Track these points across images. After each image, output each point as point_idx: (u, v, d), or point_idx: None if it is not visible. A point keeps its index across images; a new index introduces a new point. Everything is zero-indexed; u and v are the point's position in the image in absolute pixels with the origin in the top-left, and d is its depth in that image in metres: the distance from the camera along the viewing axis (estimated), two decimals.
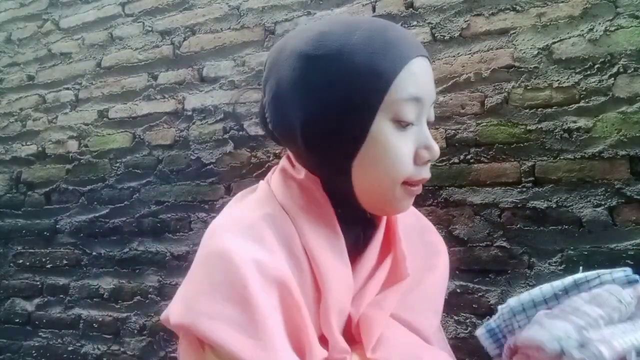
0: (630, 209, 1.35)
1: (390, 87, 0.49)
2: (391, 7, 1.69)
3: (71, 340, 2.02)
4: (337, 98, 0.49)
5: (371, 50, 0.49)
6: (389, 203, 0.54)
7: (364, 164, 0.51)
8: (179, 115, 1.98)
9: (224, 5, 1.96)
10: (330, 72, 0.49)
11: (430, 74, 0.54)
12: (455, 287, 1.49)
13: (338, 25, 0.52)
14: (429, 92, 0.53)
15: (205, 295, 0.47)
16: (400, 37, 0.52)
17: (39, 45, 2.30)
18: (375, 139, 0.50)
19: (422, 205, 1.55)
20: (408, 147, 0.52)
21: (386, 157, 0.51)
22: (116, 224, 2.00)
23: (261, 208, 0.55)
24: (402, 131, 0.51)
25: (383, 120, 0.50)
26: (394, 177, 0.52)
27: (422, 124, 0.53)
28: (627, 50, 1.39)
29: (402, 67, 0.50)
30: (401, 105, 0.50)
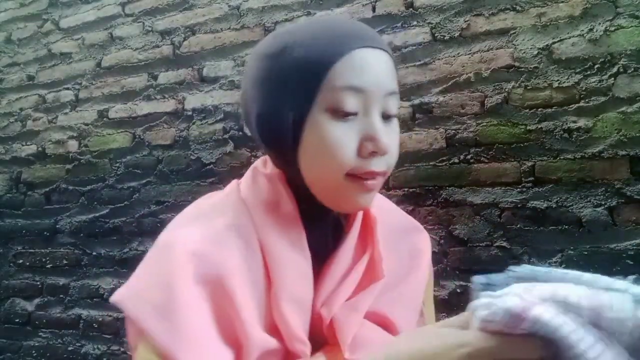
0: (630, 209, 1.35)
1: (325, 77, 0.50)
2: (391, 7, 1.69)
3: (71, 340, 2.02)
4: (278, 91, 0.52)
5: (311, 44, 0.51)
6: (339, 196, 0.53)
7: (306, 155, 0.52)
8: (179, 115, 1.98)
9: (224, 5, 1.96)
10: (275, 67, 0.52)
11: (383, 66, 0.52)
12: (455, 287, 1.49)
13: (294, 26, 0.55)
14: (375, 83, 0.51)
15: (139, 278, 0.52)
16: (346, 29, 0.52)
17: (39, 45, 2.30)
18: (312, 129, 0.51)
19: (422, 205, 1.55)
20: (349, 137, 0.50)
21: (324, 147, 0.51)
22: (116, 224, 2.00)
23: (220, 201, 0.58)
24: (342, 121, 0.50)
25: (320, 110, 0.50)
26: (334, 168, 0.51)
27: (370, 115, 0.51)
28: (627, 50, 1.39)
29: (340, 57, 0.50)
30: (338, 94, 0.50)
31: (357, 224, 0.59)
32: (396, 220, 0.66)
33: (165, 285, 0.49)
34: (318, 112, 0.51)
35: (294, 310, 0.52)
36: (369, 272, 0.57)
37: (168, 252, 0.52)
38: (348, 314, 0.53)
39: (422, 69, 1.63)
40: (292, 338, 0.50)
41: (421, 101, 1.61)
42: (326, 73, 0.50)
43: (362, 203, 0.54)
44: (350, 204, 0.54)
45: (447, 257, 1.51)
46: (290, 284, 0.52)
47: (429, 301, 0.70)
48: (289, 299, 0.52)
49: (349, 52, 0.50)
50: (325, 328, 0.53)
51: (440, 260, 1.51)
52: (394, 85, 0.53)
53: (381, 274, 0.57)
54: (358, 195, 0.53)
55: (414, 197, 1.57)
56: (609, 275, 0.39)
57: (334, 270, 0.56)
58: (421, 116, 1.60)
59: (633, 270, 1.33)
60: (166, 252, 0.52)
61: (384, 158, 0.52)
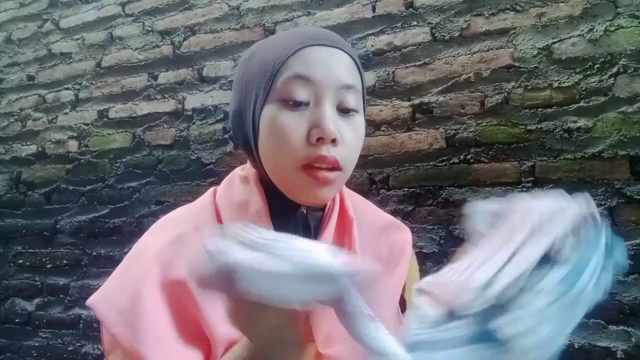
0: (630, 209, 1.35)
1: (278, 71, 0.54)
2: (391, 7, 1.69)
3: (71, 340, 2.02)
4: (244, 91, 0.57)
5: (271, 47, 0.56)
6: (296, 187, 0.55)
7: (263, 146, 0.55)
8: (179, 115, 1.98)
9: (224, 5, 1.96)
10: (244, 71, 0.58)
11: (336, 61, 0.54)
12: None
13: (270, 36, 0.62)
14: (324, 74, 0.53)
15: (112, 282, 0.55)
16: (304, 33, 0.56)
17: (39, 45, 2.30)
18: (266, 120, 0.54)
19: (422, 205, 1.55)
20: (298, 125, 0.53)
21: (274, 135, 0.53)
22: (116, 224, 2.00)
23: (192, 207, 0.62)
24: (292, 111, 0.53)
25: (273, 101, 0.54)
26: (286, 156, 0.53)
27: (320, 105, 0.53)
28: (627, 50, 1.39)
29: (292, 53, 0.53)
30: (287, 84, 0.53)
31: (331, 224, 0.60)
32: (375, 219, 0.68)
33: (133, 290, 0.52)
34: (271, 104, 0.54)
35: None
36: None
37: (138, 257, 0.56)
38: (322, 310, 0.54)
39: (422, 69, 1.62)
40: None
41: (421, 101, 1.61)
42: (279, 68, 0.53)
43: (318, 196, 0.55)
44: (308, 196, 0.56)
45: (447, 257, 1.51)
46: None
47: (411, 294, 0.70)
48: None
49: (300, 48, 0.54)
50: (300, 323, 0.54)
51: (440, 260, 1.51)
52: (350, 80, 0.55)
53: None
54: (314, 187, 0.54)
55: (414, 197, 1.57)
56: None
57: None
58: (421, 116, 1.60)
59: (633, 270, 1.33)
60: (136, 258, 0.56)
61: (337, 148, 0.54)
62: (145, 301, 0.51)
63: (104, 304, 0.53)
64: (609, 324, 1.33)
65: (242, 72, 0.59)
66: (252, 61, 0.57)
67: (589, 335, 1.34)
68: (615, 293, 1.33)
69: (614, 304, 1.33)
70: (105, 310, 0.52)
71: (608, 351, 1.32)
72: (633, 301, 1.32)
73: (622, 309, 1.32)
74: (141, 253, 0.56)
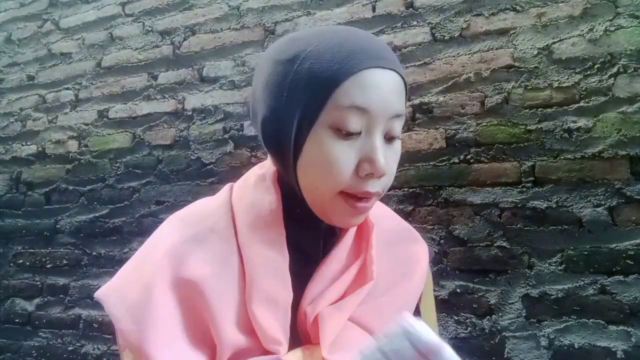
0: (630, 209, 1.35)
1: (332, 95, 0.49)
2: (391, 7, 1.69)
3: (71, 340, 2.02)
4: (286, 99, 0.52)
5: (322, 58, 0.50)
6: (330, 212, 0.53)
7: (305, 167, 0.52)
8: (179, 115, 1.98)
9: (224, 5, 1.96)
10: (285, 75, 0.52)
11: (391, 88, 0.51)
12: (455, 287, 1.49)
13: (309, 33, 0.54)
14: (381, 104, 0.50)
15: (122, 276, 0.55)
16: (359, 47, 0.51)
17: (39, 45, 2.30)
18: (314, 143, 0.51)
19: (422, 205, 1.55)
20: (348, 156, 0.50)
21: (322, 163, 0.50)
22: (116, 224, 2.00)
23: (207, 204, 0.61)
24: (344, 140, 0.50)
25: (324, 126, 0.50)
26: (328, 184, 0.51)
27: (372, 136, 0.51)
28: (627, 50, 1.39)
29: (349, 76, 0.49)
30: (342, 113, 0.49)
31: (352, 230, 0.59)
32: (394, 228, 0.66)
33: (143, 286, 0.52)
34: (321, 128, 0.50)
35: (268, 310, 0.51)
36: (360, 275, 0.58)
37: (151, 252, 0.55)
38: (332, 313, 0.53)
39: (422, 69, 1.63)
40: (266, 338, 0.50)
41: (421, 101, 1.61)
42: (334, 90, 0.49)
43: (352, 222, 0.55)
44: (340, 221, 0.54)
45: (447, 257, 1.51)
46: (264, 284, 0.52)
47: (428, 311, 0.69)
48: (261, 299, 0.52)
49: (358, 71, 0.49)
50: (308, 326, 0.53)
51: (440, 260, 1.51)
52: (401, 107, 0.52)
53: (370, 275, 0.57)
54: (349, 214, 0.53)
55: (414, 197, 1.57)
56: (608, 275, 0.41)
57: (324, 272, 0.56)
58: (421, 116, 1.60)
59: (633, 270, 1.33)
60: (149, 253, 0.55)
61: (382, 180, 0.52)
62: (155, 298, 0.51)
63: (113, 297, 0.53)
64: (609, 324, 1.33)
65: (282, 75, 0.52)
66: (296, 67, 0.51)
67: (589, 335, 1.34)
68: (615, 293, 1.33)
69: (614, 304, 1.33)
70: (114, 303, 0.52)
71: (608, 351, 1.32)
72: (633, 301, 1.31)
73: (622, 309, 1.32)
74: (155, 248, 0.55)
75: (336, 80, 0.49)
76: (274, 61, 0.54)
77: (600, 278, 1.35)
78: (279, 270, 0.53)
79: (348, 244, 0.59)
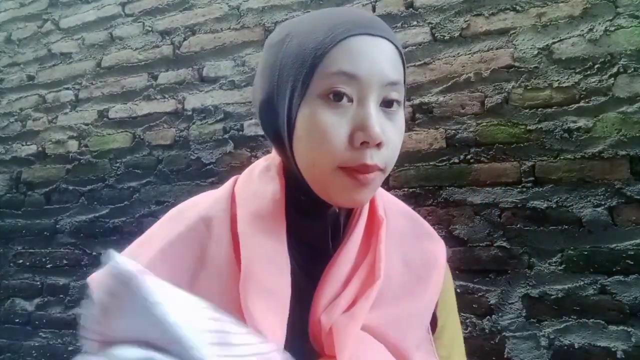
0: (630, 209, 1.35)
1: (320, 63, 0.48)
2: (391, 7, 1.69)
3: (71, 340, 2.02)
4: (278, 79, 0.51)
5: (309, 32, 0.50)
6: (331, 189, 0.51)
7: (299, 143, 0.51)
8: (179, 115, 1.98)
9: (224, 5, 1.96)
10: (276, 56, 0.52)
11: (382, 54, 0.49)
12: (455, 287, 1.49)
13: (301, 16, 0.55)
14: (370, 70, 0.48)
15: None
16: (345, 17, 0.50)
17: (39, 45, 2.30)
18: (304, 115, 0.49)
19: (422, 205, 1.55)
20: (339, 124, 0.48)
21: (313, 134, 0.49)
22: (116, 224, 2.00)
23: (208, 193, 0.61)
24: (334, 108, 0.48)
25: (313, 96, 0.49)
26: (323, 156, 0.49)
27: (364, 103, 0.48)
28: (627, 50, 1.39)
29: (335, 44, 0.48)
30: (330, 79, 0.48)
31: (361, 224, 0.57)
32: (408, 226, 0.63)
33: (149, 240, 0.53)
34: (311, 99, 0.49)
35: (261, 301, 0.48)
36: (370, 275, 0.55)
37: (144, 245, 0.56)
38: (346, 322, 0.50)
39: (422, 69, 1.63)
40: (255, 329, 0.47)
41: (421, 101, 1.61)
42: (321, 59, 0.48)
43: (356, 198, 0.51)
44: (344, 198, 0.51)
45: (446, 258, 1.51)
46: (260, 274, 0.50)
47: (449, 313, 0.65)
48: (257, 289, 0.49)
49: (344, 39, 0.48)
50: (324, 337, 0.50)
51: None
52: (396, 75, 0.50)
53: (378, 274, 0.53)
54: (351, 189, 0.50)
55: (414, 197, 1.57)
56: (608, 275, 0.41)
57: (335, 273, 0.53)
58: (421, 116, 1.60)
59: (633, 270, 1.33)
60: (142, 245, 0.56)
61: (381, 151, 0.49)
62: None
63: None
64: (609, 324, 1.33)
65: (273, 57, 0.52)
66: (287, 45, 0.51)
67: (589, 335, 1.34)
68: (615, 293, 1.33)
69: (614, 304, 1.33)
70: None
71: (608, 351, 1.32)
72: (633, 301, 1.31)
73: (622, 309, 1.32)
74: (148, 243, 0.56)
75: (322, 49, 0.48)
76: (266, 47, 0.55)
77: (600, 278, 1.35)
78: (278, 259, 0.51)
79: (357, 241, 0.56)
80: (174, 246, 0.53)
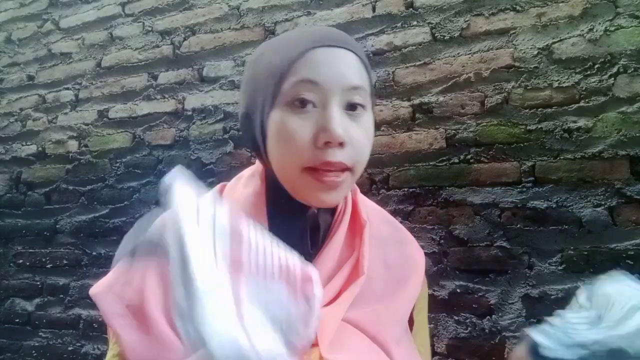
0: (630, 209, 1.35)
1: (286, 75, 0.53)
2: (391, 7, 1.69)
3: (71, 340, 2.02)
4: (253, 92, 0.57)
5: (279, 49, 0.56)
6: (301, 190, 0.55)
7: (271, 149, 0.55)
8: (179, 115, 1.98)
9: (224, 5, 1.96)
10: (252, 72, 0.58)
11: (342, 62, 0.54)
12: (455, 287, 1.49)
13: (277, 36, 0.61)
14: (332, 76, 0.53)
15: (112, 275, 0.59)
16: (311, 34, 0.56)
17: (39, 45, 2.30)
18: (273, 124, 0.54)
19: (422, 205, 1.55)
20: (304, 128, 0.52)
21: (281, 139, 0.53)
22: (116, 224, 2.00)
23: None
24: (299, 114, 0.52)
25: (280, 105, 0.53)
26: (291, 159, 0.53)
27: (326, 107, 0.52)
28: (627, 50, 1.39)
29: (299, 57, 0.53)
30: (294, 88, 0.52)
31: (344, 225, 0.60)
32: (390, 233, 0.66)
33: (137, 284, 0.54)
34: (280, 107, 0.53)
35: None
36: (354, 271, 0.58)
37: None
38: (328, 313, 0.53)
39: (422, 69, 1.63)
40: None
41: (421, 101, 1.61)
42: (287, 71, 0.53)
43: (324, 198, 0.54)
44: (313, 199, 0.55)
45: (447, 257, 1.51)
46: None
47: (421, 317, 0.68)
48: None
49: (307, 51, 0.53)
50: None
51: (440, 260, 1.51)
52: (358, 80, 0.54)
53: (362, 270, 0.57)
54: (318, 190, 0.54)
55: (414, 197, 1.57)
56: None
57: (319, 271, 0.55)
58: (421, 116, 1.60)
59: (633, 270, 1.33)
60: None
61: (345, 150, 0.52)
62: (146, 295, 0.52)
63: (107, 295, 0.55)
64: None
65: (250, 74, 0.59)
66: (259, 64, 0.57)
67: None
68: None
69: None
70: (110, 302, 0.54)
71: None
72: None
73: None
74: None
75: (288, 61, 0.53)
76: (246, 64, 0.61)
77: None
78: None
79: (340, 241, 0.59)
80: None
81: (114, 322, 0.52)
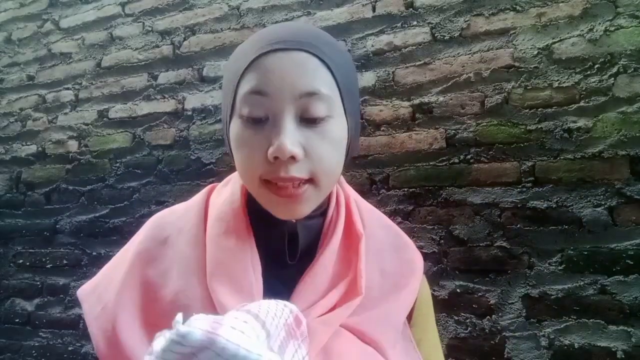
0: (630, 209, 1.35)
1: (238, 86, 0.51)
2: (391, 7, 1.69)
3: (71, 340, 2.02)
4: (222, 98, 0.57)
5: (236, 56, 0.54)
6: (263, 203, 0.53)
7: (235, 158, 0.55)
8: (179, 115, 1.98)
9: (224, 5, 1.96)
10: (224, 76, 0.58)
11: (293, 67, 0.49)
12: (455, 287, 1.49)
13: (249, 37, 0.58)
14: (280, 85, 0.48)
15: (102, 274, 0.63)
16: (263, 36, 0.52)
17: (39, 45, 2.30)
18: (232, 135, 0.53)
19: (422, 205, 1.55)
20: (257, 141, 0.49)
21: (239, 151, 0.52)
22: (116, 224, 2.00)
23: (185, 205, 0.64)
24: (253, 126, 0.50)
25: (236, 117, 0.52)
26: (247, 173, 0.52)
27: (277, 118, 0.49)
28: (627, 50, 1.39)
29: (249, 64, 0.50)
30: (244, 100, 0.50)
31: (337, 236, 0.57)
32: (387, 237, 0.64)
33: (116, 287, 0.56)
34: (236, 119, 0.52)
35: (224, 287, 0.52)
36: (350, 289, 0.56)
37: (124, 254, 0.62)
38: (318, 325, 0.51)
39: (422, 69, 1.63)
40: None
41: (421, 101, 1.61)
42: (239, 81, 0.51)
43: (286, 211, 0.52)
44: (278, 211, 0.53)
45: (447, 257, 1.51)
46: (225, 266, 0.53)
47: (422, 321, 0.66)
48: (220, 276, 0.52)
49: (256, 58, 0.50)
50: None
51: (440, 260, 1.51)
52: (312, 86, 0.49)
53: (359, 291, 0.55)
54: (277, 203, 0.51)
55: (414, 197, 1.57)
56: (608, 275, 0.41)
57: (311, 283, 0.55)
58: (421, 116, 1.60)
59: (633, 270, 1.33)
60: (123, 254, 0.62)
61: (301, 164, 0.49)
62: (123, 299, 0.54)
63: (91, 297, 0.58)
64: (609, 324, 1.33)
65: (223, 81, 0.58)
66: (225, 69, 0.56)
67: (589, 335, 1.34)
68: (615, 293, 1.33)
69: (614, 304, 1.33)
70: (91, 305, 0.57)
71: (608, 351, 1.32)
72: (633, 301, 1.31)
73: (622, 309, 1.32)
74: (127, 251, 0.61)
75: (240, 71, 0.51)
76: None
77: (600, 278, 1.35)
78: (241, 254, 0.54)
79: (334, 252, 0.57)
80: (150, 252, 0.58)
81: (89, 323, 0.54)
